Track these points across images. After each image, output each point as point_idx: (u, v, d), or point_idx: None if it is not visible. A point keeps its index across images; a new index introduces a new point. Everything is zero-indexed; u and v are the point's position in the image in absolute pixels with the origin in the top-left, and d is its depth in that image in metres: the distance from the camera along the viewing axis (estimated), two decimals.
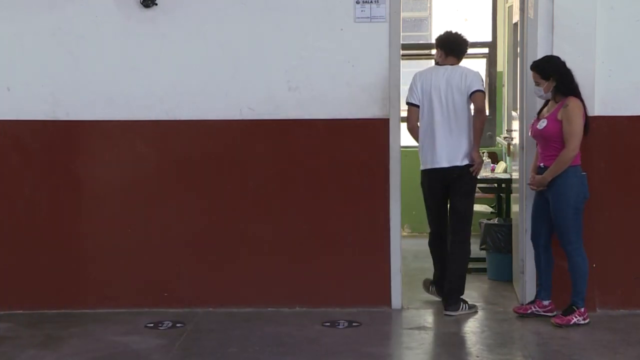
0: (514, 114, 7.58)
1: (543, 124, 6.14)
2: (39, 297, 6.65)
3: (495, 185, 8.24)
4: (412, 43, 9.20)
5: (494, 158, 8.96)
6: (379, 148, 6.51)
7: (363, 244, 6.58)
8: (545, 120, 6.14)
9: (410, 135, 6.75)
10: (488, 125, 8.22)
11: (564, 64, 6.13)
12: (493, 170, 8.47)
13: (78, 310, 6.61)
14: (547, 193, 6.18)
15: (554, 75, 6.10)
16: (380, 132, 6.50)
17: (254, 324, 6.25)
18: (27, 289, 6.67)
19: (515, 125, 7.22)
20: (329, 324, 6.24)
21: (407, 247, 7.67)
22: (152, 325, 6.26)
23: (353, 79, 6.48)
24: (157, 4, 6.47)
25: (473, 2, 11.36)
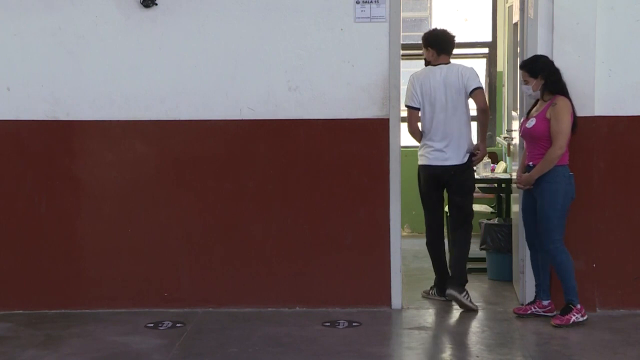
0: (514, 114, 7.58)
1: (532, 123, 6.18)
2: (39, 297, 6.65)
3: (495, 185, 8.24)
4: (412, 43, 9.16)
5: (494, 158, 8.96)
6: (379, 148, 6.51)
7: (363, 244, 6.58)
8: (534, 119, 6.17)
9: (413, 138, 6.84)
10: (488, 125, 8.22)
11: (552, 63, 6.17)
12: (493, 170, 8.47)
13: (78, 310, 6.61)
14: (534, 192, 6.19)
15: (543, 73, 6.14)
16: (380, 132, 6.50)
17: (254, 324, 6.25)
18: (27, 289, 6.67)
19: (515, 125, 7.21)
20: (329, 324, 6.24)
21: (407, 247, 7.68)
22: (152, 325, 6.26)
23: (353, 79, 6.48)
24: (157, 4, 6.47)
25: (473, 2, 11.37)
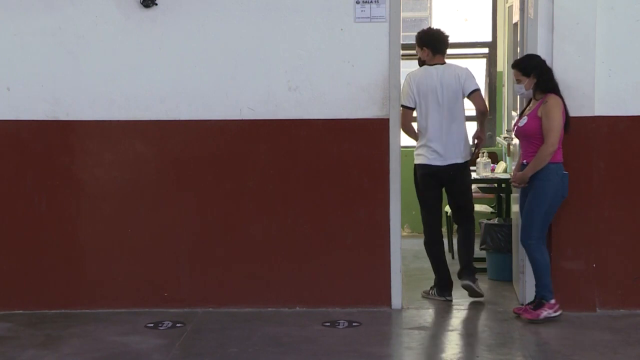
0: (514, 114, 7.58)
1: (524, 122, 6.21)
2: (39, 297, 6.65)
3: (495, 185, 8.24)
4: (412, 43, 9.13)
5: (494, 158, 8.96)
6: (379, 148, 6.51)
7: (363, 244, 6.58)
8: (526, 118, 6.20)
9: (407, 135, 6.87)
10: (488, 125, 8.22)
11: (544, 62, 6.19)
12: (493, 170, 8.46)
13: (78, 310, 6.61)
14: (527, 189, 6.20)
15: (535, 72, 6.16)
16: (380, 132, 6.50)
17: (254, 324, 6.25)
18: (27, 289, 6.66)
19: None
20: (329, 324, 6.24)
21: (407, 247, 7.68)
22: (152, 325, 6.26)
23: (353, 79, 6.48)
24: (157, 4, 6.47)
25: (473, 2, 11.36)
